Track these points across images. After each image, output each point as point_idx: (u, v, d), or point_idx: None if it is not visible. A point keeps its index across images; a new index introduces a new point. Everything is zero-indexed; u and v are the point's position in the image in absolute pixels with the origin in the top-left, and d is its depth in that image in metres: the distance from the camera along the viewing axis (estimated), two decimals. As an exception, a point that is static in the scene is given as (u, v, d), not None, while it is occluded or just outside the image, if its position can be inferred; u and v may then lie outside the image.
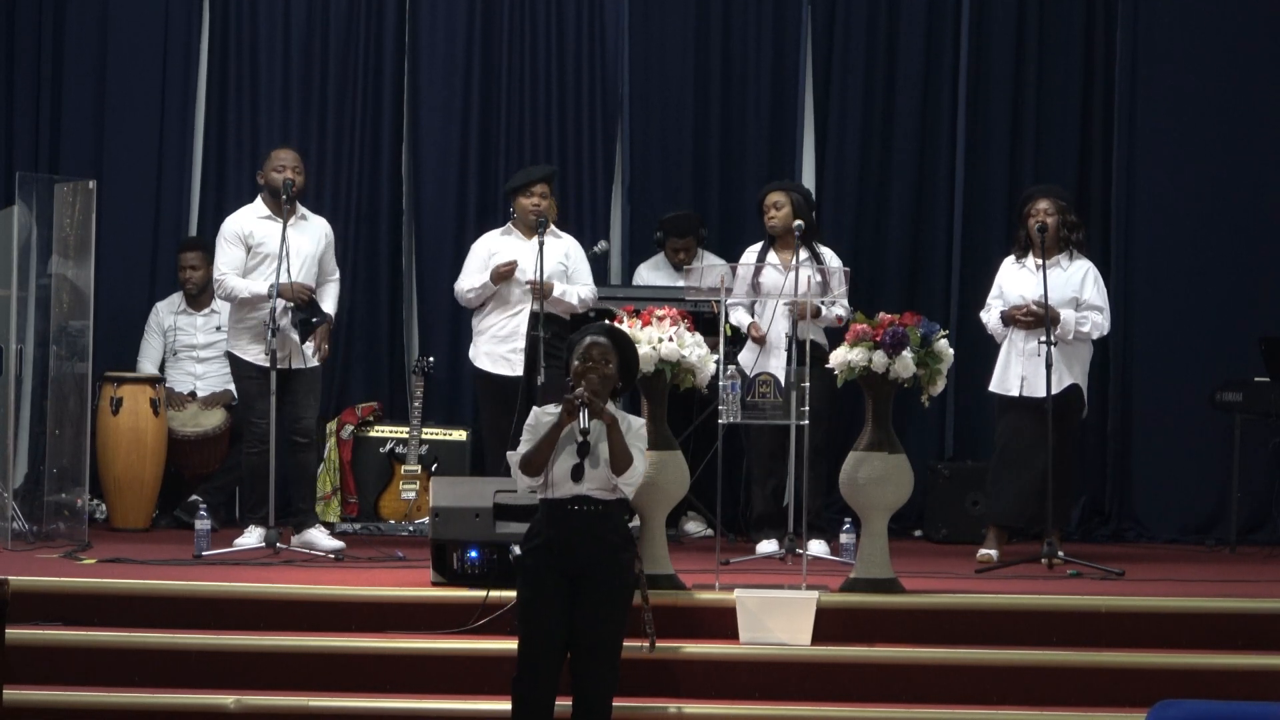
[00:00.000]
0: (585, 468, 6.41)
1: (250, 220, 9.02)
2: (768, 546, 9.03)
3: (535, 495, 6.54)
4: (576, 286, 9.27)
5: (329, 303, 9.12)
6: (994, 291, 9.15)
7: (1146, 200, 10.57)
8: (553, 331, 8.78)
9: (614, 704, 6.51)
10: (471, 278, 9.30)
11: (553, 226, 9.21)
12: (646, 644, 7.00)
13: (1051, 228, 8.88)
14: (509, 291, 9.19)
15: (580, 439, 6.38)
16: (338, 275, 9.29)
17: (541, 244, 8.88)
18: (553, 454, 6.45)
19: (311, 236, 9.08)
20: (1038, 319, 8.79)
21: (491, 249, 9.33)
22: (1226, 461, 10.02)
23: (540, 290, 8.84)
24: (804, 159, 10.64)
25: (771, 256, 9.24)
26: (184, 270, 10.15)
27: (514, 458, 6.56)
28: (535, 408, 6.68)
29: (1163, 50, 10.58)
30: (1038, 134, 10.62)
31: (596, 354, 6.54)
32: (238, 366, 9.05)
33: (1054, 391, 8.66)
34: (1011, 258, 9.14)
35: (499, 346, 9.23)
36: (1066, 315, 8.80)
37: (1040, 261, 8.82)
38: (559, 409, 6.48)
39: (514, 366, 9.07)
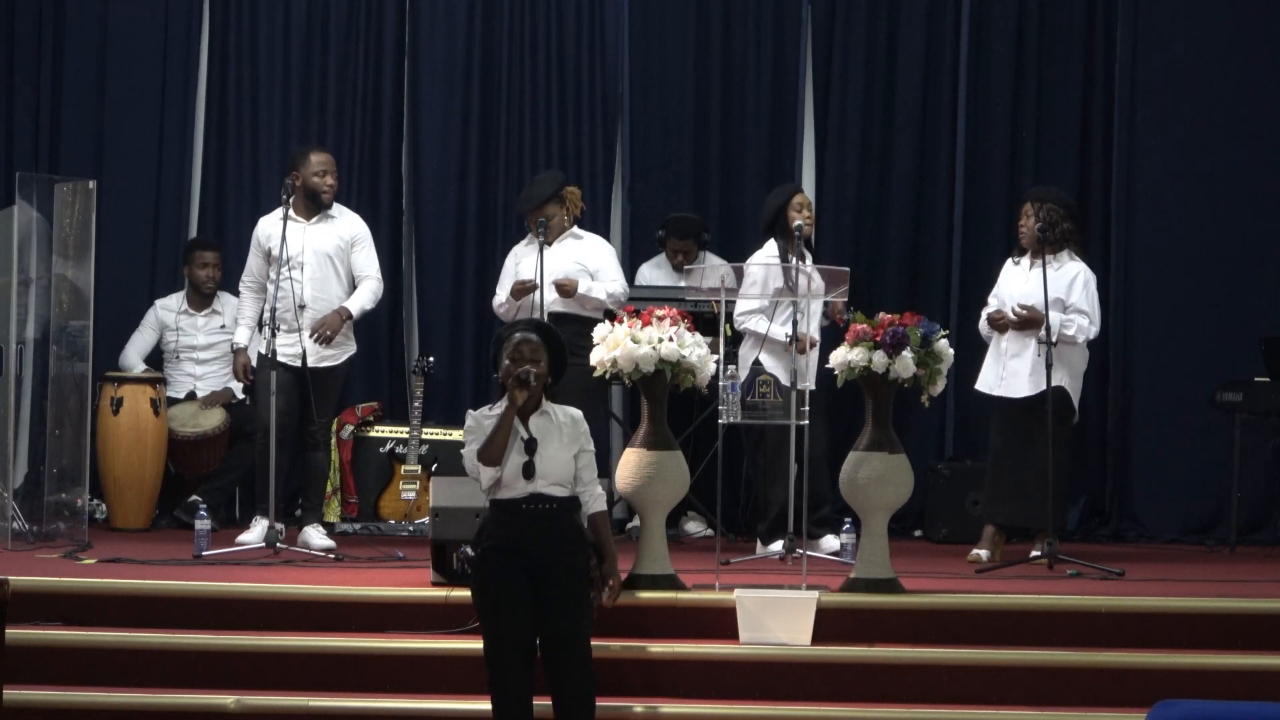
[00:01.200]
0: (535, 464, 6.41)
1: (271, 222, 9.02)
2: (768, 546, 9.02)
3: (485, 497, 6.53)
4: (604, 283, 9.28)
5: (354, 302, 9.10)
6: (993, 291, 9.16)
7: (1146, 199, 10.56)
8: (575, 330, 8.76)
9: (614, 704, 6.50)
10: (501, 293, 9.36)
11: (575, 228, 9.32)
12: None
13: (1030, 230, 8.88)
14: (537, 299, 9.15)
15: (527, 436, 6.40)
16: (370, 274, 9.17)
17: (542, 245, 8.93)
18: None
19: (329, 236, 9.06)
20: (1023, 321, 8.83)
21: (516, 259, 9.37)
22: (1226, 461, 10.00)
23: (565, 288, 9.05)
24: (804, 159, 10.63)
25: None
26: (206, 269, 10.07)
27: (468, 453, 6.54)
28: (471, 411, 6.65)
29: (1163, 49, 10.57)
30: (1038, 134, 10.61)
31: (528, 351, 6.50)
32: (260, 357, 9.05)
33: (1033, 393, 8.73)
34: (1011, 258, 9.16)
35: None
36: (1050, 318, 8.78)
37: (1033, 262, 8.86)
38: (498, 408, 6.48)
39: None
